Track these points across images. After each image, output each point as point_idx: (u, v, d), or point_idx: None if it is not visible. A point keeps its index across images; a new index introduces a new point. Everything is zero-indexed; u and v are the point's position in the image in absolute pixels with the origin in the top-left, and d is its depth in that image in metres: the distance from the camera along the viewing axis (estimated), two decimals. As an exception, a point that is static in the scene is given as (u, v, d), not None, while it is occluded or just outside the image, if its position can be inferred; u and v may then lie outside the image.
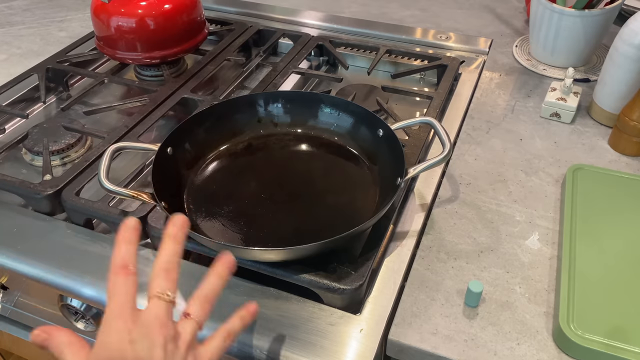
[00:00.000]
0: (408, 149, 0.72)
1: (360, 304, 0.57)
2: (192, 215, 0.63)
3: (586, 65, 0.94)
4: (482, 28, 1.08)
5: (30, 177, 0.75)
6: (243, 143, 0.73)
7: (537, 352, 0.52)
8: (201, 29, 0.95)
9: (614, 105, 0.79)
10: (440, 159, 0.60)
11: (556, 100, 0.81)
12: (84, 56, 0.98)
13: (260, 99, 0.74)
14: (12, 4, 1.21)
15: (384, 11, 1.15)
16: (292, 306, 0.57)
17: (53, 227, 0.66)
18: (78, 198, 0.66)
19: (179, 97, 0.85)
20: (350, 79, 0.98)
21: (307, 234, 0.61)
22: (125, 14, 0.86)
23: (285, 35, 1.03)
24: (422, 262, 0.61)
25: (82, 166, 0.71)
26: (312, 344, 0.53)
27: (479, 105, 0.86)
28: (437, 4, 1.18)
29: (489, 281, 0.59)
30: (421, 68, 0.94)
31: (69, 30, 1.11)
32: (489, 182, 0.72)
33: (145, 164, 0.74)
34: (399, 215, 0.67)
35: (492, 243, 0.63)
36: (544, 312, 0.56)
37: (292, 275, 0.56)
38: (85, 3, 1.21)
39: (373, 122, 0.68)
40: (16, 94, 0.90)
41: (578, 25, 0.87)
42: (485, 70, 0.95)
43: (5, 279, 0.67)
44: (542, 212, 0.67)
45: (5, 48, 1.04)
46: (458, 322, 0.55)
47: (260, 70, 1.01)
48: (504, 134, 0.80)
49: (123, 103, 0.85)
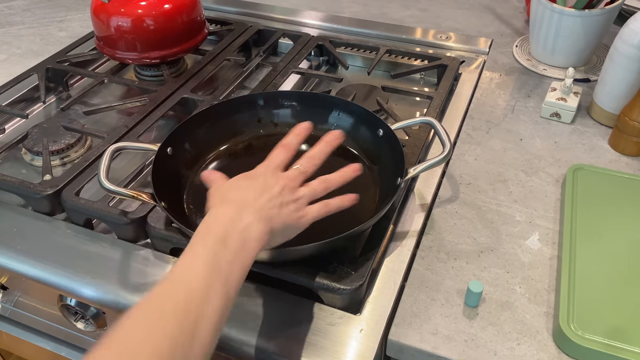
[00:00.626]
0: (408, 149, 0.72)
1: (360, 304, 0.57)
2: (192, 215, 0.63)
3: (586, 65, 0.94)
4: (482, 28, 1.08)
5: (30, 177, 0.75)
6: (243, 143, 0.73)
7: (537, 352, 0.52)
8: (201, 29, 0.95)
9: (614, 105, 0.79)
10: (440, 159, 0.60)
11: (556, 100, 0.81)
12: (84, 56, 0.98)
13: (260, 99, 0.74)
14: (12, 4, 1.21)
15: (384, 11, 1.15)
16: (292, 306, 0.56)
17: (53, 227, 0.66)
18: (78, 198, 0.66)
19: (178, 97, 0.85)
20: (350, 79, 0.98)
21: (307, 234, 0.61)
22: (125, 14, 0.86)
23: (285, 35, 1.03)
24: (422, 262, 0.61)
25: (82, 166, 0.71)
26: (312, 344, 0.53)
27: (479, 105, 0.86)
28: (437, 4, 1.18)
29: (489, 281, 0.59)
30: (421, 68, 0.94)
31: (68, 30, 1.11)
32: (489, 182, 0.72)
33: (145, 164, 0.73)
34: (399, 215, 0.67)
35: (492, 243, 0.63)
36: (544, 312, 0.56)
37: (292, 275, 0.56)
38: (85, 3, 1.21)
39: (373, 122, 0.68)
40: (16, 94, 0.90)
41: (578, 25, 0.87)
42: (485, 70, 0.95)
43: (5, 279, 0.67)
44: (542, 212, 0.67)
45: (5, 48, 1.04)
46: (458, 322, 0.55)
47: (260, 70, 1.01)
48: (504, 134, 0.80)
49: (123, 103, 0.85)
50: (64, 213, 0.69)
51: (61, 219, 0.68)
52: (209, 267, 0.41)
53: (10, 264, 0.63)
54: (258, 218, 0.46)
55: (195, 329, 0.38)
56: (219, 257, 0.42)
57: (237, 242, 0.44)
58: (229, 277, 0.42)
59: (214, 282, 0.41)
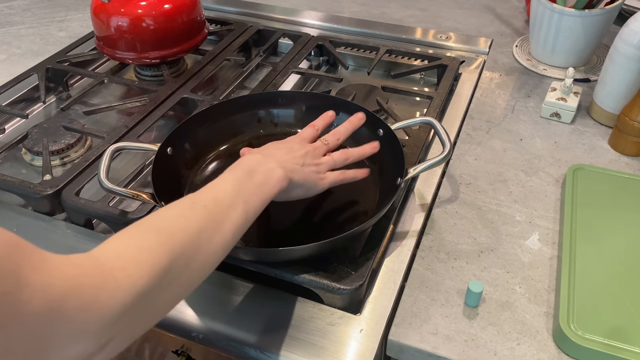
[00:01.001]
0: (408, 149, 0.72)
1: (360, 304, 0.57)
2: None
3: (586, 65, 0.94)
4: (482, 28, 1.08)
5: (30, 177, 0.75)
6: (243, 143, 0.73)
7: (537, 352, 0.52)
8: (201, 29, 0.95)
9: (614, 105, 0.79)
10: (440, 159, 0.60)
11: (556, 100, 0.81)
12: (84, 56, 0.98)
13: (260, 99, 0.74)
14: (12, 4, 1.21)
15: (384, 11, 1.15)
16: (292, 306, 0.56)
17: (53, 227, 0.66)
18: (78, 198, 0.66)
19: (178, 97, 0.85)
20: (350, 79, 0.98)
21: (307, 234, 0.61)
22: (125, 14, 0.86)
23: (285, 35, 1.03)
24: (422, 262, 0.61)
25: (82, 166, 0.71)
26: (312, 344, 0.53)
27: (479, 105, 0.86)
28: (437, 4, 1.18)
29: (489, 281, 0.59)
30: (421, 68, 0.94)
31: (68, 30, 1.11)
32: (489, 182, 0.72)
33: (145, 164, 0.74)
34: (399, 215, 0.67)
35: (492, 243, 0.63)
36: (544, 312, 0.56)
37: (292, 275, 0.56)
38: (85, 3, 1.21)
39: (373, 122, 0.68)
40: (16, 94, 0.90)
41: (578, 25, 0.87)
42: (485, 70, 0.95)
43: (5, 279, 0.67)
44: (542, 212, 0.67)
45: (5, 48, 1.04)
46: (458, 322, 0.55)
47: (260, 70, 1.01)
48: (504, 134, 0.80)
49: (123, 103, 0.85)
50: (64, 213, 0.69)
51: (61, 219, 0.68)
52: (236, 187, 0.48)
53: (10, 264, 0.63)
54: (280, 166, 0.53)
55: (219, 225, 0.44)
56: (245, 184, 0.49)
57: (261, 177, 0.50)
58: (249, 200, 0.48)
59: (237, 198, 0.47)
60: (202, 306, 0.57)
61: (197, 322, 0.55)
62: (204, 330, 0.55)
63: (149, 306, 0.38)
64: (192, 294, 0.58)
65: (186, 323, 0.56)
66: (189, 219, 0.43)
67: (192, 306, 0.57)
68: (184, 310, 0.56)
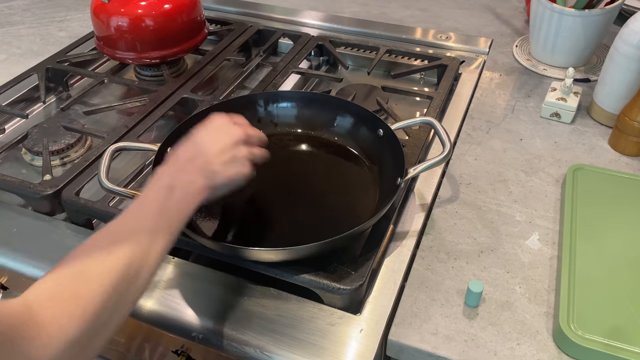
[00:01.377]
0: (408, 149, 0.72)
1: (360, 304, 0.57)
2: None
3: (586, 65, 0.94)
4: (482, 28, 1.08)
5: (30, 177, 0.75)
6: (243, 143, 0.73)
7: (537, 352, 0.52)
8: (201, 29, 0.95)
9: (614, 105, 0.79)
10: (440, 159, 0.60)
11: (556, 100, 0.81)
12: (84, 56, 0.98)
13: (260, 99, 0.74)
14: (12, 4, 1.21)
15: (384, 11, 1.15)
16: (292, 306, 0.56)
17: (53, 227, 0.66)
18: (78, 198, 0.66)
19: (178, 97, 0.85)
20: (350, 79, 0.98)
21: (307, 234, 0.61)
22: (125, 14, 0.86)
23: (285, 35, 1.03)
24: (422, 262, 0.61)
25: (82, 166, 0.71)
26: (312, 344, 0.53)
27: (479, 105, 0.86)
28: (437, 4, 1.18)
29: (489, 281, 0.59)
30: (421, 68, 0.94)
31: (68, 30, 1.11)
32: (489, 182, 0.72)
33: (145, 164, 0.73)
34: (399, 215, 0.67)
35: (492, 243, 0.63)
36: (544, 312, 0.56)
37: (292, 275, 0.56)
38: (85, 3, 1.21)
39: (373, 122, 0.68)
40: (16, 94, 0.90)
41: (578, 25, 0.87)
42: (485, 70, 0.95)
43: (5, 279, 0.67)
44: (542, 212, 0.67)
45: (5, 48, 1.04)
46: (458, 322, 0.55)
47: (260, 70, 1.01)
48: (504, 134, 0.80)
49: (123, 103, 0.85)
50: (64, 213, 0.69)
51: (61, 219, 0.68)
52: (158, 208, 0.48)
53: (10, 264, 0.63)
54: (203, 175, 0.52)
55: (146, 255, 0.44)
56: (166, 203, 0.48)
57: (181, 193, 0.50)
58: (172, 221, 0.48)
59: (161, 222, 0.47)
60: (202, 306, 0.57)
61: (197, 322, 0.55)
62: (204, 330, 0.55)
63: (84, 349, 0.38)
64: (192, 294, 0.58)
65: (186, 323, 0.56)
66: (116, 255, 0.42)
67: (192, 306, 0.57)
68: (184, 310, 0.56)
